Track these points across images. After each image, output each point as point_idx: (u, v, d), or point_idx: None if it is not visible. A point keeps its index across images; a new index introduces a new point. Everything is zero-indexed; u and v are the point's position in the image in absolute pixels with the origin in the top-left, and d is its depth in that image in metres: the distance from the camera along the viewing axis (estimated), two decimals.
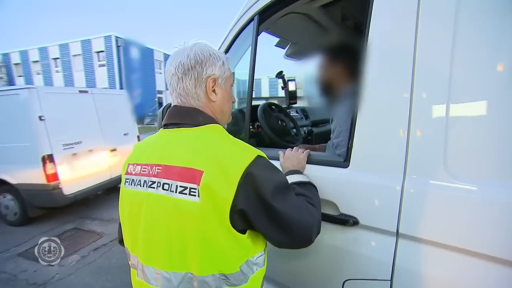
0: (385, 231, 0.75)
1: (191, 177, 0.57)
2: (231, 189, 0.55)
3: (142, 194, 0.63)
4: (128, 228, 0.69)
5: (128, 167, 0.70)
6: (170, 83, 0.69)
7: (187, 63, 0.65)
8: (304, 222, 0.62)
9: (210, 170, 0.56)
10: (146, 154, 0.68)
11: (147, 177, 0.64)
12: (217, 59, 0.69)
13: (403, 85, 0.69)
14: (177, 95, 0.68)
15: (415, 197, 0.69)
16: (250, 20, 1.08)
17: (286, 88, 2.12)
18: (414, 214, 0.69)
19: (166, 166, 0.61)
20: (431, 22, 0.65)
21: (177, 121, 0.67)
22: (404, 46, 0.69)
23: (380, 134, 0.75)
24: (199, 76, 0.66)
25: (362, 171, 0.79)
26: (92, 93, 3.96)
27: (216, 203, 0.55)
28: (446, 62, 0.63)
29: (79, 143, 3.61)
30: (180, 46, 0.70)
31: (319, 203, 0.74)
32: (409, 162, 0.70)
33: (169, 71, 0.68)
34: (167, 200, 0.59)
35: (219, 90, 0.70)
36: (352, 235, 0.83)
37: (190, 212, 0.56)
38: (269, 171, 0.61)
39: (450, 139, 0.64)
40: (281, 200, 0.59)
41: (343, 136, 0.94)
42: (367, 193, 0.78)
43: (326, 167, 0.89)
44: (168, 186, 0.59)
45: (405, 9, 0.68)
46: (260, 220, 0.58)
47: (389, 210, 0.73)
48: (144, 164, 0.66)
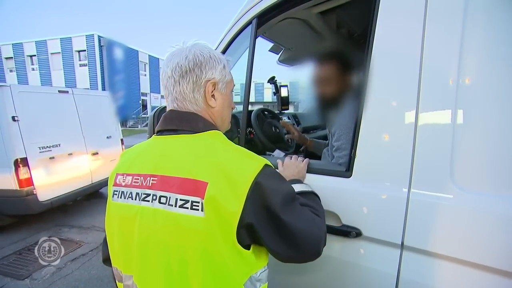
0: (390, 243, 0.73)
1: (193, 190, 0.52)
2: (239, 202, 0.51)
3: (135, 208, 0.58)
4: (119, 246, 0.62)
5: (116, 177, 0.64)
6: (165, 86, 0.64)
7: (185, 65, 0.60)
8: (313, 235, 0.59)
9: (215, 181, 0.52)
10: (138, 163, 0.62)
11: (140, 189, 0.58)
12: (218, 62, 0.64)
13: (409, 91, 0.68)
14: (173, 99, 0.63)
15: (420, 208, 0.68)
16: (248, 23, 1.05)
17: (278, 94, 2.10)
18: (420, 226, 0.68)
19: (163, 177, 0.56)
20: (438, 25, 0.65)
21: (174, 127, 0.62)
22: (410, 50, 0.68)
23: (384, 143, 0.73)
24: (197, 80, 0.61)
25: (366, 181, 0.76)
26: (73, 93, 3.76)
27: (222, 218, 0.51)
28: (454, 67, 0.62)
29: (57, 146, 3.41)
30: (177, 46, 0.65)
31: (323, 214, 0.72)
32: (414, 172, 0.68)
33: (165, 73, 0.63)
34: (165, 215, 0.54)
35: (219, 95, 0.66)
36: (355, 247, 0.80)
37: (192, 228, 0.51)
38: (277, 181, 0.58)
39: (457, 148, 0.63)
40: (290, 212, 0.56)
41: (344, 139, 0.92)
42: (370, 203, 0.76)
43: (327, 176, 0.86)
44: (166, 200, 0.54)
45: (412, 11, 0.67)
46: (268, 234, 0.55)
47: (393, 221, 0.71)
48: (136, 175, 0.60)
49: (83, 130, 3.77)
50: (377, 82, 0.73)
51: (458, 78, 0.62)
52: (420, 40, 0.66)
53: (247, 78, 1.04)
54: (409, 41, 0.68)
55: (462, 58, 0.62)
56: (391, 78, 0.72)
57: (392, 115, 0.71)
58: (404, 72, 0.69)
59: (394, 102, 0.71)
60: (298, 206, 0.61)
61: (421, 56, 0.66)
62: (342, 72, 1.05)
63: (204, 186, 0.51)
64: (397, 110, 0.71)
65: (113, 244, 0.64)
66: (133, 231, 0.58)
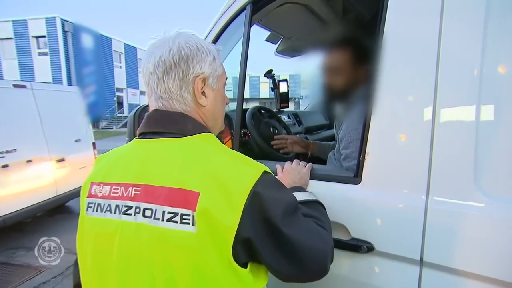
0: (407, 259, 0.74)
1: (183, 201, 0.53)
2: (235, 214, 0.52)
3: (115, 223, 0.58)
4: (92, 268, 0.62)
5: (91, 188, 0.64)
6: (147, 83, 0.65)
7: (169, 59, 0.61)
8: (318, 250, 0.60)
9: (208, 191, 0.53)
10: (117, 170, 0.63)
11: (120, 200, 0.58)
12: (207, 54, 0.65)
13: (425, 84, 0.70)
14: (157, 98, 0.64)
15: (441, 219, 0.69)
16: (242, 9, 1.07)
17: (276, 90, 2.13)
18: (441, 239, 0.69)
19: (148, 186, 0.57)
20: (459, 4, 0.66)
21: (159, 129, 0.63)
22: (426, 37, 0.69)
23: (397, 143, 0.75)
24: (184, 76, 0.62)
25: (377, 188, 0.78)
26: (32, 88, 3.70)
27: (216, 233, 0.52)
28: (477, 55, 0.63)
29: (12, 151, 3.32)
30: (159, 36, 0.65)
31: (329, 225, 0.73)
32: (432, 177, 0.70)
33: (146, 69, 0.64)
34: (150, 230, 0.54)
35: (210, 91, 0.67)
36: (367, 263, 0.81)
37: (182, 245, 0.52)
38: (278, 189, 0.59)
39: (482, 148, 0.64)
40: (292, 224, 0.57)
41: (354, 147, 0.94)
42: (383, 213, 0.78)
43: (334, 183, 0.88)
44: (151, 213, 0.55)
45: None
46: (267, 250, 0.56)
47: (410, 234, 0.73)
48: (115, 184, 0.60)
49: (45, 132, 3.70)
50: (389, 74, 0.75)
51: (483, 68, 0.63)
52: (437, 24, 0.67)
53: (241, 72, 1.06)
54: (425, 26, 0.70)
55: (488, 44, 0.63)
56: (404, 70, 0.74)
57: (406, 112, 0.73)
58: (419, 62, 0.71)
59: (408, 96, 0.73)
60: (301, 218, 0.62)
61: (439, 43, 0.67)
62: (350, 63, 1.08)
63: (195, 197, 0.52)
64: (411, 106, 0.73)
65: (85, 266, 0.64)
66: (112, 250, 0.58)
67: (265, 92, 21.80)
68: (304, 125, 2.41)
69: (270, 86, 2.22)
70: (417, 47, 0.72)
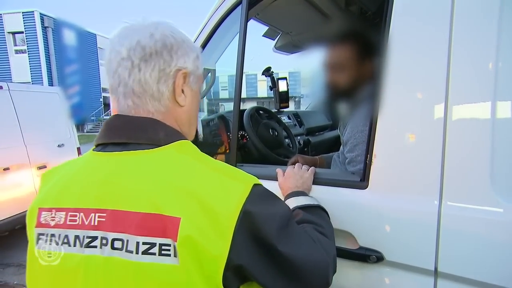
0: (420, 269, 0.74)
1: (160, 229, 0.48)
2: (224, 241, 0.48)
3: (76, 258, 0.52)
4: None
5: (39, 215, 0.56)
6: (115, 71, 0.57)
7: (150, 45, 0.55)
8: (318, 263, 0.59)
9: (190, 215, 0.48)
10: (72, 192, 0.55)
11: (80, 230, 0.52)
12: (191, 49, 0.62)
13: (435, 79, 0.70)
14: (127, 93, 0.57)
15: (455, 225, 0.70)
16: (237, 3, 1.07)
17: (276, 89, 2.14)
18: (457, 247, 0.69)
19: (115, 212, 0.51)
20: (471, 4, 0.66)
21: (124, 139, 0.56)
22: (436, 27, 0.69)
23: (407, 144, 0.75)
24: (165, 67, 0.57)
25: (385, 192, 0.78)
26: (9, 89, 3.68)
27: (203, 264, 0.48)
28: (493, 46, 0.64)
29: None
30: (135, 21, 0.59)
31: (332, 232, 0.73)
32: (446, 180, 0.70)
33: (116, 53, 0.56)
34: (123, 265, 0.49)
35: (189, 91, 0.63)
36: (376, 274, 0.81)
37: (164, 281, 0.48)
38: (269, 203, 0.56)
39: (499, 149, 0.64)
40: (288, 239, 0.55)
41: (359, 150, 0.94)
42: (392, 220, 0.78)
43: (339, 188, 0.88)
44: (121, 244, 0.49)
45: None
46: (264, 273, 0.54)
47: (423, 242, 0.73)
48: (72, 210, 0.54)
49: (25, 137, 3.67)
50: (396, 69, 0.75)
51: (498, 61, 0.64)
52: (449, 13, 0.68)
53: (238, 70, 1.05)
54: (436, 17, 0.70)
55: (503, 36, 0.63)
56: (413, 64, 0.74)
57: (416, 109, 0.74)
58: (430, 56, 0.71)
59: (417, 93, 0.74)
60: (297, 228, 0.60)
61: (450, 34, 0.68)
62: (355, 59, 1.09)
63: (175, 223, 0.48)
64: (421, 103, 0.73)
65: None
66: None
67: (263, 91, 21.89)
68: (305, 126, 2.41)
69: (268, 85, 2.22)
70: (427, 40, 0.72)
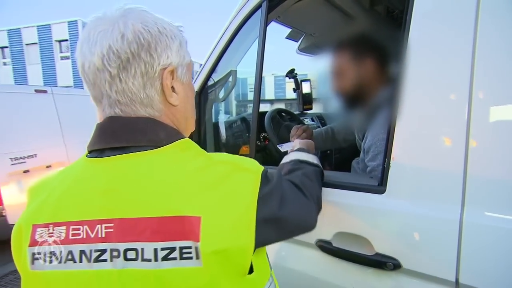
0: (439, 279, 0.72)
1: (179, 231, 0.46)
2: (249, 231, 0.48)
3: (84, 276, 0.48)
4: None
5: (34, 232, 0.51)
6: (93, 83, 0.52)
7: (123, 49, 0.49)
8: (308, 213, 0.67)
9: (210, 212, 0.47)
10: (72, 204, 0.51)
11: (86, 244, 0.48)
12: (172, 38, 0.55)
13: (459, 78, 0.68)
14: (112, 103, 0.53)
15: (478, 234, 0.67)
16: (257, 7, 1.11)
17: (299, 91, 2.14)
18: (480, 258, 0.67)
19: (124, 220, 0.48)
20: (495, 2, 0.65)
21: (123, 143, 0.52)
22: (462, 33, 0.68)
23: (428, 148, 0.74)
24: (149, 69, 0.52)
25: (403, 197, 0.77)
26: (53, 93, 3.98)
27: (230, 261, 0.47)
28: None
29: (33, 156, 3.57)
30: (99, 16, 0.53)
31: (317, 177, 0.81)
32: (468, 186, 0.68)
33: (90, 63, 0.51)
34: (141, 276, 0.47)
35: (180, 86, 0.58)
36: (392, 282, 0.80)
37: (188, 286, 0.46)
38: (274, 181, 0.58)
39: None
40: (283, 203, 0.58)
41: (381, 160, 0.93)
42: (410, 227, 0.76)
43: (355, 192, 0.88)
44: (136, 254, 0.47)
45: None
46: (271, 238, 0.58)
47: (443, 251, 0.71)
48: (74, 223, 0.49)
49: (65, 137, 3.93)
50: (416, 67, 0.74)
51: None
52: (472, 22, 0.66)
53: (257, 72, 1.09)
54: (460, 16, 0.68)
55: None
56: (435, 66, 0.73)
57: (437, 110, 0.72)
58: (452, 58, 0.70)
59: (439, 93, 0.72)
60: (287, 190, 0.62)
61: (475, 35, 0.66)
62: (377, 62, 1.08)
63: (195, 222, 0.46)
64: (443, 104, 0.71)
65: None
66: None
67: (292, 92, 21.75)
68: None
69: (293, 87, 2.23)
70: (450, 39, 0.71)
